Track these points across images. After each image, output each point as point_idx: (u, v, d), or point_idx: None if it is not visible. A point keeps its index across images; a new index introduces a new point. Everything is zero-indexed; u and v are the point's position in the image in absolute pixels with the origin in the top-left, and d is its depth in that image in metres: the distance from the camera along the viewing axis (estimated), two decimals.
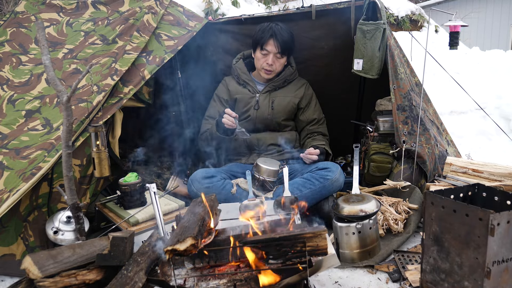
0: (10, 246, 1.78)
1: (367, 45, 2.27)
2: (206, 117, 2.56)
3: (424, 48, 2.33)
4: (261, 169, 2.19)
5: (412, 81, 2.47)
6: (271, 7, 5.89)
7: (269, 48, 2.37)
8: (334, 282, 1.71)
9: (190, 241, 1.16)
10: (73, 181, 1.65)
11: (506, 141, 3.71)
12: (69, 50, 2.22)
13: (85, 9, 2.40)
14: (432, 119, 2.59)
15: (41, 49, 1.62)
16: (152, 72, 2.17)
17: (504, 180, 2.19)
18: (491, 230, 1.27)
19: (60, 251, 1.31)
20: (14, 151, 1.86)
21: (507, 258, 1.33)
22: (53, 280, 1.20)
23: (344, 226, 1.70)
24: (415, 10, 6.75)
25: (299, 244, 1.25)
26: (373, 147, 2.42)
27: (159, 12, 2.38)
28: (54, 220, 1.78)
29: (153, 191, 1.68)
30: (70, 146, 1.60)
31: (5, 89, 2.10)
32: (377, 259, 1.83)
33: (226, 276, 1.32)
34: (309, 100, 2.55)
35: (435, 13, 8.38)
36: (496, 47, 7.50)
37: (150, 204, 1.94)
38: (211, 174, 2.21)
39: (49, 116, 1.98)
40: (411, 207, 2.14)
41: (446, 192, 1.54)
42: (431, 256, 1.48)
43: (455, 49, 2.19)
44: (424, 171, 2.34)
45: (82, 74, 1.62)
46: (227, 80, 2.59)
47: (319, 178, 2.14)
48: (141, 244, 1.42)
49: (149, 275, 1.28)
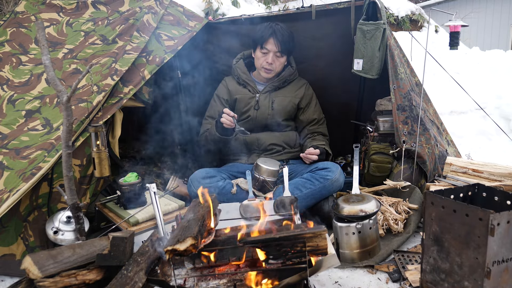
0: (10, 246, 1.78)
1: (367, 45, 2.27)
2: (206, 117, 2.56)
3: (424, 48, 2.33)
4: (261, 169, 2.19)
5: (412, 81, 2.47)
6: (271, 7, 5.89)
7: (269, 47, 2.37)
8: (334, 282, 1.71)
9: (190, 241, 1.16)
10: (73, 181, 1.65)
11: (506, 141, 3.71)
12: (69, 50, 2.22)
13: (85, 9, 2.40)
14: (432, 119, 2.59)
15: (41, 49, 1.62)
16: (152, 72, 2.17)
17: (504, 180, 2.19)
18: (491, 230, 1.27)
19: (60, 251, 1.31)
20: (14, 151, 1.86)
21: (507, 258, 1.33)
22: (53, 280, 1.20)
23: (344, 226, 1.70)
24: (415, 10, 6.75)
25: (299, 244, 1.25)
26: (373, 147, 2.42)
27: (159, 12, 2.38)
28: (54, 220, 1.78)
29: (153, 191, 1.67)
30: (70, 146, 1.60)
31: (5, 89, 2.10)
32: (377, 259, 1.83)
33: (226, 276, 1.32)
34: (309, 100, 2.55)
35: (435, 13, 8.38)
36: (496, 47, 7.50)
37: (150, 204, 1.94)
38: (211, 174, 2.21)
39: (49, 116, 1.98)
40: (411, 207, 2.14)
41: (446, 192, 1.54)
42: (431, 256, 1.48)
43: (455, 49, 2.19)
44: (424, 171, 2.34)
45: (82, 74, 1.62)
46: (227, 80, 2.59)
47: (319, 178, 2.14)
48: (141, 244, 1.42)
49: (149, 275, 1.28)
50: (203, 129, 2.53)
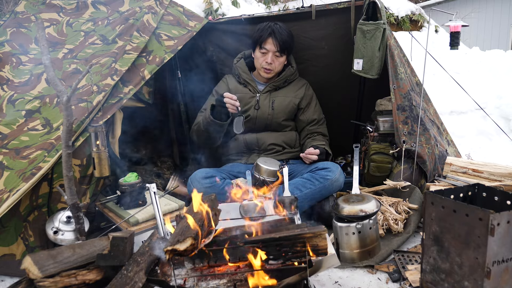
0: (10, 246, 1.78)
1: (367, 45, 2.27)
2: (202, 110, 2.53)
3: (424, 48, 2.33)
4: (261, 169, 2.19)
5: (412, 81, 2.47)
6: (271, 7, 5.89)
7: (268, 47, 2.37)
8: (334, 282, 1.71)
9: (190, 241, 1.16)
10: (73, 181, 1.65)
11: (506, 141, 3.71)
12: (69, 50, 2.22)
13: (85, 9, 2.40)
14: (432, 119, 2.59)
15: (41, 49, 1.62)
16: (152, 72, 2.17)
17: (504, 180, 2.19)
18: (491, 230, 1.27)
19: (60, 251, 1.31)
20: (14, 151, 1.86)
21: (507, 258, 1.33)
22: (53, 280, 1.20)
23: (344, 226, 1.70)
24: (415, 10, 6.74)
25: (299, 244, 1.25)
26: (373, 147, 2.42)
27: (159, 12, 2.38)
28: (54, 220, 1.78)
29: (153, 191, 1.68)
30: (70, 146, 1.61)
31: (5, 89, 2.10)
32: (377, 259, 1.83)
33: (226, 276, 1.32)
34: (310, 101, 2.55)
35: (435, 13, 8.38)
36: (496, 47, 7.49)
37: (150, 204, 1.94)
38: (211, 174, 2.21)
39: (49, 116, 1.98)
40: (411, 207, 2.14)
41: (446, 192, 1.54)
42: (431, 256, 1.48)
43: (456, 49, 2.19)
44: (424, 171, 2.34)
45: (82, 74, 1.62)
46: (228, 78, 2.59)
47: (319, 178, 2.14)
48: (141, 244, 1.42)
49: (149, 275, 1.28)
50: (197, 120, 2.50)
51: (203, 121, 2.32)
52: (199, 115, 2.51)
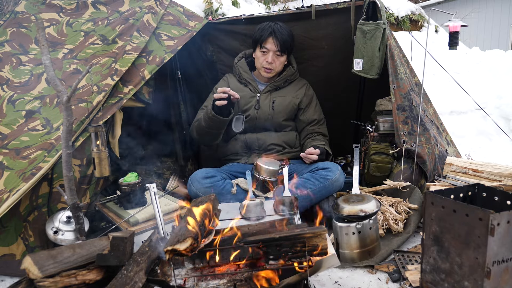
0: (10, 246, 1.78)
1: (367, 45, 2.27)
2: (203, 107, 2.53)
3: (424, 48, 2.33)
4: (261, 169, 2.19)
5: (412, 81, 2.47)
6: (271, 7, 5.89)
7: (269, 46, 2.37)
8: (334, 282, 1.71)
9: (190, 241, 1.16)
10: (73, 181, 1.65)
11: (506, 141, 3.71)
12: (69, 50, 2.22)
13: (85, 9, 2.40)
14: (432, 119, 2.59)
15: (41, 49, 1.62)
16: (152, 72, 2.17)
17: (504, 180, 2.19)
18: (491, 230, 1.27)
19: (60, 251, 1.31)
20: (14, 151, 1.86)
21: (507, 258, 1.33)
22: (53, 280, 1.20)
23: (344, 226, 1.70)
24: (415, 10, 6.74)
25: (299, 244, 1.25)
26: (373, 147, 2.42)
27: (159, 12, 2.38)
28: (54, 220, 1.78)
29: (153, 191, 1.68)
30: (70, 146, 1.60)
31: (5, 89, 2.10)
32: (377, 259, 1.83)
33: (226, 276, 1.32)
34: (310, 101, 2.55)
35: (435, 13, 8.38)
36: (496, 47, 7.49)
37: (150, 204, 1.94)
38: (211, 174, 2.21)
39: (49, 116, 1.98)
40: (411, 207, 2.14)
41: (446, 192, 1.54)
42: (431, 256, 1.48)
43: (454, 49, 2.19)
44: (424, 171, 2.34)
45: (82, 74, 1.62)
46: (229, 77, 2.59)
47: (319, 178, 2.14)
48: (141, 244, 1.42)
49: (149, 275, 1.28)
50: (197, 117, 2.49)
51: (204, 117, 2.32)
52: (200, 112, 2.51)
